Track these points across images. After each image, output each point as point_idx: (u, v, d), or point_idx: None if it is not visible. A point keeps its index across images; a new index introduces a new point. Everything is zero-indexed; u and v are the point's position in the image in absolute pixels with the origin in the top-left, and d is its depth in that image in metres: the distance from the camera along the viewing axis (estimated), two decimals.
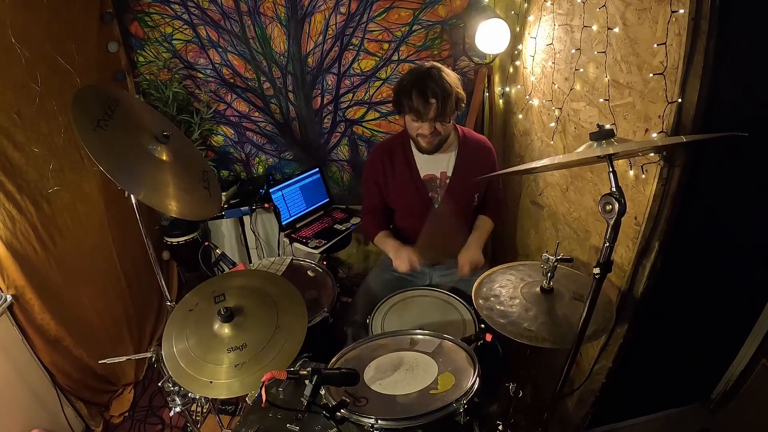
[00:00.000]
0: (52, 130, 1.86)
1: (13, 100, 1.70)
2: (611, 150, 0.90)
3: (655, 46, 1.10)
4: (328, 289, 1.79)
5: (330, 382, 1.05)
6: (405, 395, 1.10)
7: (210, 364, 1.23)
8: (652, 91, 1.14)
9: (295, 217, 2.50)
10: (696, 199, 1.22)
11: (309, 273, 1.92)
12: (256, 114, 2.58)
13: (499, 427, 1.41)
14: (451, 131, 1.69)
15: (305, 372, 1.01)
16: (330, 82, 2.45)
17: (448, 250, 1.84)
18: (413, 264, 1.67)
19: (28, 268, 1.74)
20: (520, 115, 2.09)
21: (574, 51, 1.51)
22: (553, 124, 1.72)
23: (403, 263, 1.67)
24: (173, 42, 2.41)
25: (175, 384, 1.40)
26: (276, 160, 2.71)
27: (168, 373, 1.27)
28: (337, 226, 2.47)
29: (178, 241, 2.46)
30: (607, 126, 0.95)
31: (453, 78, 1.57)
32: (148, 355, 1.43)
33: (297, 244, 2.38)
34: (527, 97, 1.97)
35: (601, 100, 1.36)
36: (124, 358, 1.54)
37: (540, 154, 1.90)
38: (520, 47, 2.02)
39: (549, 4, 1.68)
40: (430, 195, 1.75)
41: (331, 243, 2.34)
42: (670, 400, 1.66)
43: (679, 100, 1.07)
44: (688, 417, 1.64)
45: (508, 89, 2.23)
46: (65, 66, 1.92)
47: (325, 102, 2.51)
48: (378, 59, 2.36)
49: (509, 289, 1.37)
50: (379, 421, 1.00)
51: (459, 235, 1.82)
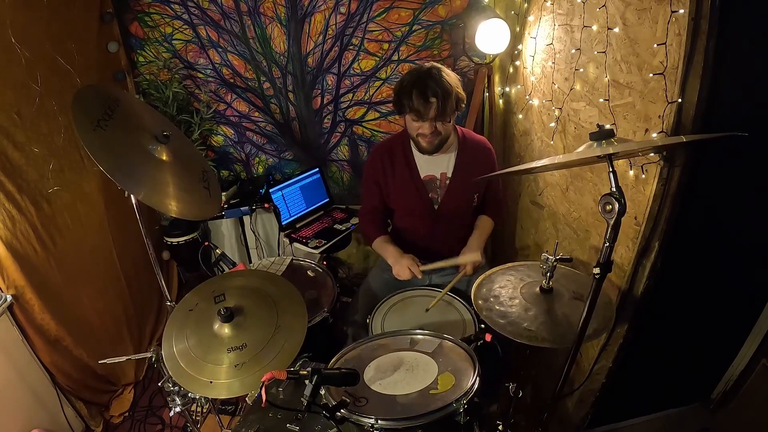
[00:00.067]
0: (52, 130, 1.86)
1: (13, 100, 1.70)
2: (611, 150, 0.90)
3: (655, 46, 1.10)
4: (328, 289, 1.79)
5: (330, 382, 1.05)
6: (405, 395, 1.10)
7: (210, 364, 1.23)
8: (652, 91, 1.14)
9: (295, 217, 2.51)
10: (696, 199, 1.22)
11: (309, 273, 1.92)
12: (256, 114, 2.58)
13: (499, 427, 1.41)
14: (452, 132, 1.69)
15: (305, 372, 1.01)
16: (330, 82, 2.45)
17: (447, 250, 1.84)
18: (414, 271, 1.64)
19: (28, 268, 1.74)
20: (520, 115, 2.09)
21: (574, 51, 1.51)
22: (553, 124, 1.72)
23: (403, 272, 1.64)
24: (173, 42, 2.41)
25: (175, 384, 1.40)
26: (276, 160, 2.71)
27: (168, 373, 1.27)
28: (337, 226, 2.47)
29: (178, 241, 2.46)
30: (607, 126, 0.95)
31: (453, 78, 1.57)
32: (148, 355, 1.43)
33: (297, 244, 2.38)
34: (527, 97, 1.97)
35: (601, 100, 1.36)
36: (124, 358, 1.54)
37: (540, 154, 1.90)
38: (520, 47, 2.02)
39: (549, 4, 1.68)
40: (430, 195, 1.75)
41: (331, 243, 2.35)
42: (670, 400, 1.66)
43: (679, 100, 1.07)
44: (688, 417, 1.64)
45: (508, 89, 2.23)
46: (65, 66, 1.92)
47: (325, 102, 2.51)
48: (378, 59, 2.36)
49: (509, 289, 1.37)
50: (379, 421, 1.00)
51: (458, 235, 1.82)
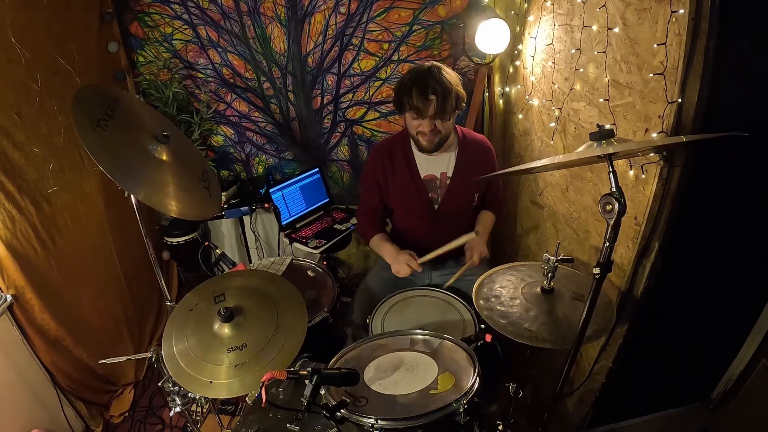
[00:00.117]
0: (52, 130, 1.86)
1: (13, 100, 1.70)
2: (611, 150, 0.90)
3: (655, 46, 1.10)
4: (328, 289, 1.79)
5: (330, 382, 1.05)
6: (405, 395, 1.10)
7: (210, 364, 1.23)
8: (652, 91, 1.14)
9: (295, 217, 2.50)
10: (696, 199, 1.22)
11: (309, 273, 1.92)
12: (256, 114, 2.58)
13: (499, 427, 1.41)
14: (452, 131, 1.69)
15: (305, 372, 1.01)
16: (330, 82, 2.45)
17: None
18: (412, 266, 1.65)
19: (28, 268, 1.74)
20: (520, 115, 2.09)
21: (574, 51, 1.51)
22: (553, 124, 1.72)
23: (402, 268, 1.65)
24: (173, 42, 2.41)
25: (175, 384, 1.40)
26: (276, 160, 2.71)
27: (168, 373, 1.27)
28: (337, 226, 2.47)
29: (178, 241, 2.46)
30: (607, 126, 0.95)
31: (453, 76, 1.57)
32: (148, 355, 1.43)
33: (297, 244, 2.38)
34: (527, 97, 1.97)
35: (601, 100, 1.36)
36: (124, 358, 1.54)
37: (540, 154, 1.90)
38: (520, 47, 2.02)
39: (549, 4, 1.68)
40: (430, 195, 1.75)
41: (331, 243, 2.35)
42: (670, 400, 1.66)
43: (679, 100, 1.07)
44: (688, 417, 1.64)
45: (508, 89, 2.23)
46: (65, 66, 1.92)
47: (325, 102, 2.51)
48: (378, 59, 2.36)
49: (510, 289, 1.37)
50: (379, 421, 1.00)
51: (458, 235, 1.82)
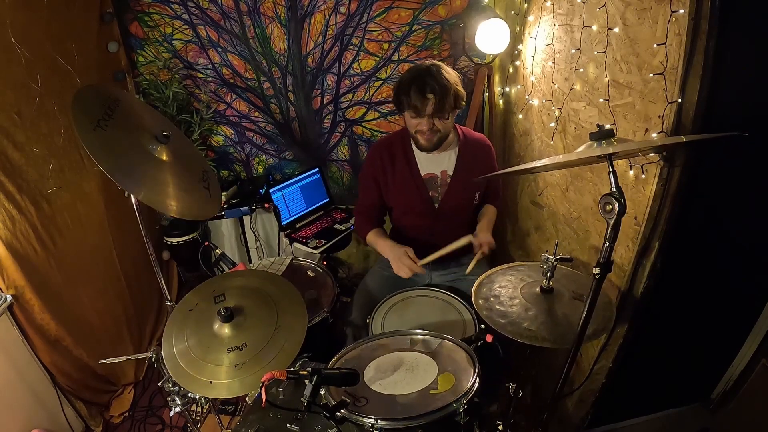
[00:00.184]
0: (52, 130, 1.86)
1: (13, 100, 1.70)
2: (611, 150, 0.90)
3: (655, 46, 1.10)
4: (328, 289, 1.79)
5: (330, 382, 1.05)
6: (405, 395, 1.10)
7: (210, 364, 1.23)
8: (652, 91, 1.14)
9: (295, 217, 2.51)
10: (696, 199, 1.22)
11: (309, 273, 1.92)
12: (256, 114, 2.58)
13: (499, 427, 1.41)
14: (451, 130, 1.69)
15: (305, 372, 1.01)
16: (330, 82, 2.45)
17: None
18: (413, 269, 1.62)
19: (28, 268, 1.74)
20: (520, 115, 2.09)
21: (574, 51, 1.51)
22: (553, 124, 1.72)
23: (402, 270, 1.63)
24: (173, 42, 2.41)
25: (175, 384, 1.40)
26: (276, 160, 2.71)
27: (168, 373, 1.27)
28: (337, 226, 2.47)
29: (178, 241, 2.46)
30: (607, 126, 0.95)
31: (453, 75, 1.56)
32: (148, 355, 1.43)
33: (297, 244, 2.38)
34: (527, 97, 1.97)
35: (601, 100, 1.36)
36: (124, 358, 1.54)
37: (540, 154, 1.90)
38: (520, 47, 2.02)
39: (549, 4, 1.68)
40: (430, 194, 1.75)
41: (331, 243, 2.35)
42: (670, 400, 1.66)
43: (679, 100, 1.07)
44: (688, 417, 1.64)
45: (508, 89, 2.23)
46: (65, 66, 1.92)
47: (325, 102, 2.51)
48: (378, 59, 2.36)
49: (509, 289, 1.37)
50: (379, 421, 1.00)
51: (459, 234, 1.82)
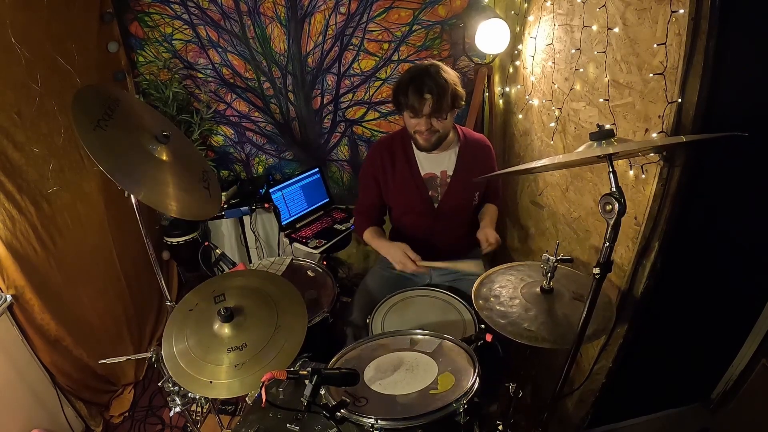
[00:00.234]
0: (52, 130, 1.86)
1: (13, 100, 1.70)
2: (611, 150, 0.90)
3: (655, 46, 1.10)
4: (328, 289, 1.79)
5: (330, 382, 1.05)
6: (405, 395, 1.10)
7: (210, 364, 1.23)
8: (652, 91, 1.14)
9: (295, 217, 2.51)
10: (696, 199, 1.22)
11: (309, 273, 1.92)
12: (256, 114, 2.58)
13: (499, 427, 1.41)
14: (450, 129, 1.69)
15: (305, 372, 1.01)
16: (330, 82, 2.45)
17: (447, 250, 1.84)
18: (414, 261, 1.60)
19: (28, 268, 1.74)
20: (520, 115, 2.09)
21: (574, 51, 1.51)
22: (553, 124, 1.72)
23: (408, 265, 1.61)
24: (173, 42, 2.41)
25: (175, 384, 1.40)
26: (276, 160, 2.71)
27: (168, 373, 1.27)
28: (337, 226, 2.47)
29: (178, 241, 2.46)
30: (607, 126, 0.95)
31: (451, 75, 1.56)
32: (148, 355, 1.43)
33: (297, 244, 2.38)
34: (527, 97, 1.97)
35: (601, 100, 1.36)
36: (124, 358, 1.54)
37: (540, 154, 1.90)
38: (520, 47, 2.02)
39: (549, 4, 1.68)
40: (430, 194, 1.75)
41: (331, 243, 2.35)
42: (670, 400, 1.66)
43: (679, 100, 1.07)
44: (688, 417, 1.64)
45: (508, 89, 2.23)
46: (65, 66, 1.92)
47: (325, 102, 2.51)
48: (378, 59, 2.36)
49: (509, 289, 1.37)
50: (379, 421, 1.00)
51: (458, 233, 1.83)
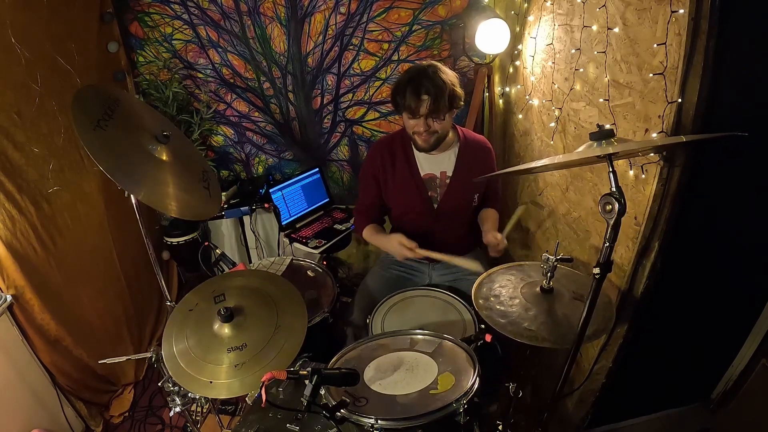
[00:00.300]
0: (52, 130, 1.86)
1: (13, 100, 1.70)
2: (611, 150, 0.90)
3: (655, 46, 1.10)
4: (328, 289, 1.79)
5: (330, 382, 1.05)
6: (405, 395, 1.10)
7: (210, 364, 1.23)
8: (652, 91, 1.14)
9: (295, 217, 2.50)
10: (696, 199, 1.22)
11: (309, 273, 1.92)
12: (256, 114, 2.58)
13: (499, 427, 1.41)
14: (449, 130, 1.69)
15: (305, 372, 1.01)
16: (330, 82, 2.45)
17: (447, 250, 1.84)
18: (411, 247, 1.60)
19: (28, 268, 1.74)
20: (520, 115, 2.09)
21: (574, 51, 1.51)
22: (553, 124, 1.72)
23: (400, 251, 1.62)
24: (173, 42, 2.41)
25: (175, 384, 1.40)
26: (276, 160, 2.71)
27: (168, 373, 1.27)
28: (337, 226, 2.47)
29: (178, 241, 2.46)
30: (607, 126, 0.95)
31: (450, 76, 1.56)
32: (148, 355, 1.43)
33: (297, 244, 2.38)
34: (527, 97, 1.97)
35: (601, 100, 1.36)
36: (124, 358, 1.54)
37: (540, 154, 1.90)
38: (520, 47, 2.02)
39: (549, 4, 1.68)
40: (429, 194, 1.75)
41: (331, 243, 2.35)
42: (670, 400, 1.66)
43: (679, 100, 1.07)
44: (688, 417, 1.64)
45: (508, 89, 2.23)
46: (65, 66, 1.92)
47: (325, 102, 2.51)
48: (378, 59, 2.36)
49: (509, 289, 1.37)
50: (379, 421, 1.00)
51: (458, 234, 1.83)
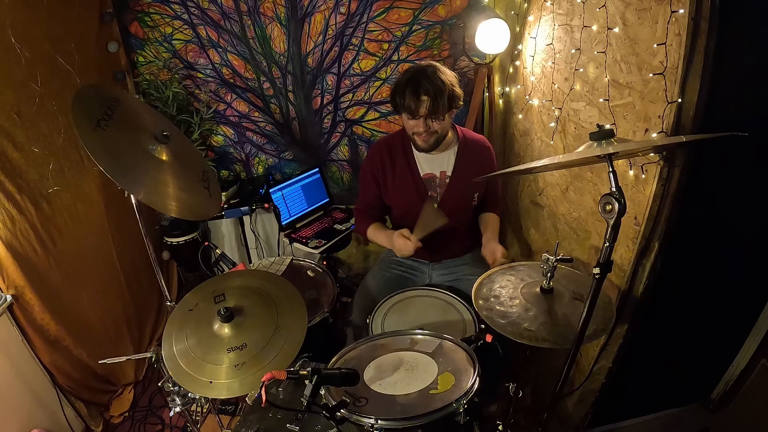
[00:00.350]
0: (52, 130, 1.86)
1: (13, 100, 1.70)
2: (611, 150, 0.90)
3: (655, 46, 1.10)
4: (328, 289, 1.79)
5: (330, 382, 1.05)
6: (405, 395, 1.10)
7: (210, 364, 1.23)
8: (652, 91, 1.14)
9: (295, 217, 2.51)
10: (696, 199, 1.22)
11: (309, 273, 1.92)
12: (256, 114, 2.58)
13: (499, 427, 1.41)
14: (449, 130, 1.69)
15: (305, 372, 1.01)
16: (330, 82, 2.45)
17: (447, 249, 1.85)
18: (412, 243, 1.58)
19: (28, 268, 1.73)
20: (520, 115, 2.09)
21: (574, 51, 1.51)
22: (553, 124, 1.72)
23: (403, 247, 1.60)
24: (173, 42, 2.41)
25: (175, 384, 1.40)
26: (276, 160, 2.71)
27: (168, 373, 1.27)
28: (337, 226, 2.47)
29: (178, 241, 2.46)
30: (607, 126, 0.95)
31: (449, 76, 1.56)
32: (148, 355, 1.43)
33: (297, 244, 2.38)
34: (527, 97, 1.97)
35: (601, 100, 1.36)
36: (124, 358, 1.54)
37: (540, 154, 1.90)
38: (520, 47, 2.02)
39: (549, 4, 1.68)
40: (429, 194, 1.75)
41: (331, 243, 2.35)
42: (670, 400, 1.66)
43: (679, 100, 1.07)
44: (688, 417, 1.64)
45: (508, 89, 2.23)
46: (65, 66, 1.92)
47: (325, 102, 2.51)
48: (378, 59, 2.36)
49: (509, 289, 1.37)
50: (379, 421, 1.00)
51: (458, 233, 1.83)
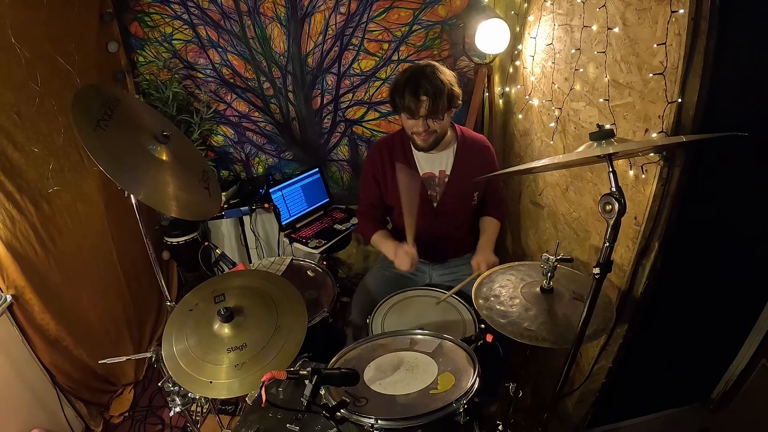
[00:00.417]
0: (52, 130, 1.86)
1: (13, 100, 1.70)
2: (611, 150, 0.90)
3: (655, 46, 1.10)
4: (328, 289, 1.79)
5: (330, 382, 1.04)
6: (405, 395, 1.10)
7: (210, 364, 1.23)
8: (652, 91, 1.14)
9: (295, 217, 2.50)
10: (696, 199, 1.22)
11: (309, 273, 1.92)
12: (256, 114, 2.58)
13: (499, 427, 1.41)
14: (448, 129, 1.69)
15: (305, 372, 1.01)
16: (330, 82, 2.45)
17: (447, 249, 1.85)
18: (414, 260, 1.63)
19: (28, 268, 1.73)
20: (520, 115, 2.09)
21: (574, 51, 1.51)
22: (553, 124, 1.72)
23: (404, 262, 1.64)
24: (173, 42, 2.41)
25: (175, 384, 1.40)
26: (276, 160, 2.71)
27: (168, 373, 1.27)
28: (337, 226, 2.47)
29: (178, 241, 2.46)
30: (607, 126, 0.95)
31: (448, 75, 1.56)
32: (148, 355, 1.43)
33: (297, 244, 2.38)
34: (527, 97, 1.97)
35: (601, 100, 1.36)
36: (124, 358, 1.54)
37: (540, 154, 1.90)
38: (520, 47, 2.02)
39: (549, 4, 1.68)
40: (429, 193, 1.75)
41: (331, 243, 2.35)
42: (670, 400, 1.66)
43: (679, 100, 1.07)
44: (688, 417, 1.64)
45: (508, 89, 2.23)
46: (65, 66, 1.92)
47: (325, 102, 2.51)
48: (378, 59, 2.36)
49: (509, 289, 1.37)
50: (379, 421, 1.00)
51: (458, 233, 1.83)
